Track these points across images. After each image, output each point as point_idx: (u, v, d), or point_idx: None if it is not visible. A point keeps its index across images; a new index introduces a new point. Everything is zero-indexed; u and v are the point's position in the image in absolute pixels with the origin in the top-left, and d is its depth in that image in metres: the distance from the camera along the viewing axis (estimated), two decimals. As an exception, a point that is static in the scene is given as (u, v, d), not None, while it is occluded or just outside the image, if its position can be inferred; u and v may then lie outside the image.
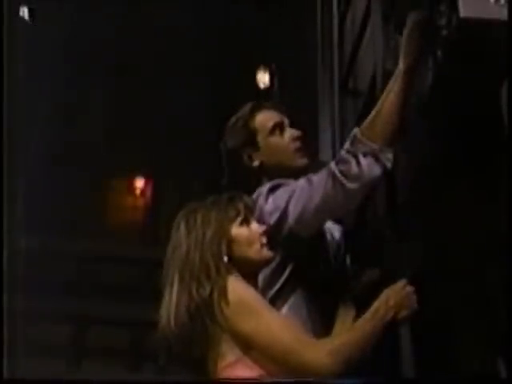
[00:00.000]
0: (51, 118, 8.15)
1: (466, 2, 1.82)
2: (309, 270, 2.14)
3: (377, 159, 2.00)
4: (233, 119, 2.39)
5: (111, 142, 8.83)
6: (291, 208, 2.04)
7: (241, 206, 1.98)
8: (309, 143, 2.40)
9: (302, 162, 2.28)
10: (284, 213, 2.05)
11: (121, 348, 8.46)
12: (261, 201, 2.11)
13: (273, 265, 2.10)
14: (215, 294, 1.81)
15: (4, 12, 3.39)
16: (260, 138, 2.31)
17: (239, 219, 1.96)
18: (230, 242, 1.92)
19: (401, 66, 2.03)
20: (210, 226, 1.93)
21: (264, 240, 1.97)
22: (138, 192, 9.43)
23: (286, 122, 2.35)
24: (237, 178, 2.31)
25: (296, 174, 2.22)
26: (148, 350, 7.71)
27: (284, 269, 2.13)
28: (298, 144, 2.30)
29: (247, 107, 2.39)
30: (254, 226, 1.98)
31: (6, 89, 3.21)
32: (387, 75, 2.26)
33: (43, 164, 7.64)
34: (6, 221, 2.84)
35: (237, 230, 1.95)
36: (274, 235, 2.04)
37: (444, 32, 1.93)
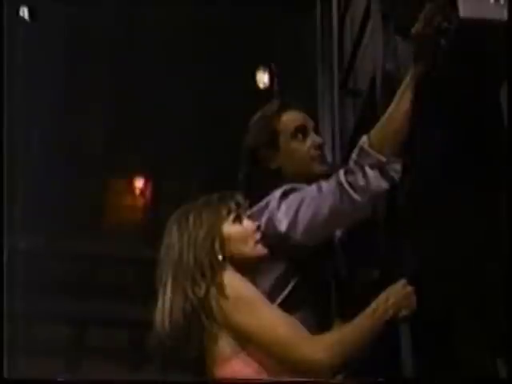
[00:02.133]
0: (51, 118, 8.15)
1: (466, 2, 1.82)
2: (315, 274, 2.14)
3: (384, 173, 1.95)
4: (258, 115, 2.34)
5: (111, 142, 8.83)
6: (300, 216, 2.02)
7: (232, 204, 1.98)
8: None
9: (319, 169, 2.24)
10: (293, 221, 2.03)
11: (121, 348, 8.45)
12: (273, 205, 2.09)
13: (280, 271, 2.09)
14: (212, 291, 1.81)
15: (4, 12, 3.39)
16: (282, 141, 2.26)
17: (232, 217, 1.96)
18: (225, 240, 1.93)
19: (416, 70, 1.96)
20: (201, 226, 1.93)
21: (258, 236, 1.97)
22: (137, 192, 9.43)
23: (311, 125, 2.30)
24: (253, 177, 2.27)
25: (312, 180, 2.19)
26: (148, 350, 7.70)
27: (290, 276, 2.11)
28: (318, 152, 2.26)
29: (274, 105, 2.34)
30: (247, 223, 1.98)
31: (6, 88, 3.21)
32: (387, 75, 2.26)
33: (43, 164, 7.64)
34: (5, 221, 2.83)
35: (231, 228, 1.95)
36: (283, 242, 2.04)
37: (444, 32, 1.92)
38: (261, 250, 1.97)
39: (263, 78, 7.00)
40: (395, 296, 1.85)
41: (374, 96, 2.35)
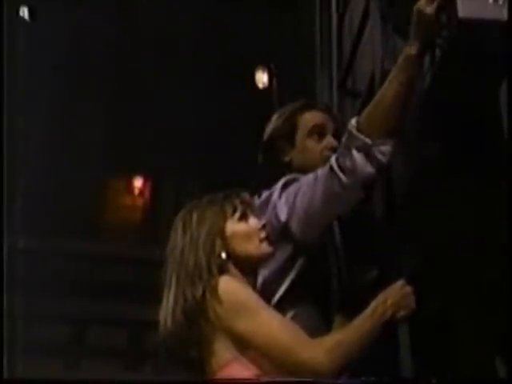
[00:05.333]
0: (51, 118, 8.15)
1: (465, 2, 1.82)
2: (317, 266, 2.14)
3: (370, 155, 1.95)
4: (284, 108, 2.39)
5: (111, 142, 8.83)
6: (298, 204, 2.05)
7: (237, 202, 1.96)
8: None
9: None
10: (292, 210, 2.05)
11: (120, 348, 8.45)
12: (275, 195, 2.12)
13: (282, 260, 2.10)
14: (207, 295, 1.80)
15: (4, 12, 3.39)
16: (298, 136, 2.31)
17: (237, 215, 1.95)
18: (229, 238, 1.91)
19: (411, 50, 1.91)
20: (204, 225, 1.92)
21: (263, 235, 1.95)
22: (136, 192, 9.43)
23: (331, 127, 2.32)
24: (267, 166, 2.33)
25: None
26: (148, 350, 7.70)
27: (293, 264, 2.12)
28: (330, 154, 2.28)
29: (301, 102, 2.38)
30: (253, 221, 1.96)
31: (6, 88, 3.21)
32: (386, 75, 2.26)
33: (43, 163, 7.65)
34: (5, 221, 2.84)
35: (235, 226, 1.93)
36: (286, 231, 2.05)
37: (443, 32, 1.92)
38: (265, 248, 1.96)
39: (262, 78, 7.00)
40: (394, 296, 1.85)
41: (372, 96, 2.35)
